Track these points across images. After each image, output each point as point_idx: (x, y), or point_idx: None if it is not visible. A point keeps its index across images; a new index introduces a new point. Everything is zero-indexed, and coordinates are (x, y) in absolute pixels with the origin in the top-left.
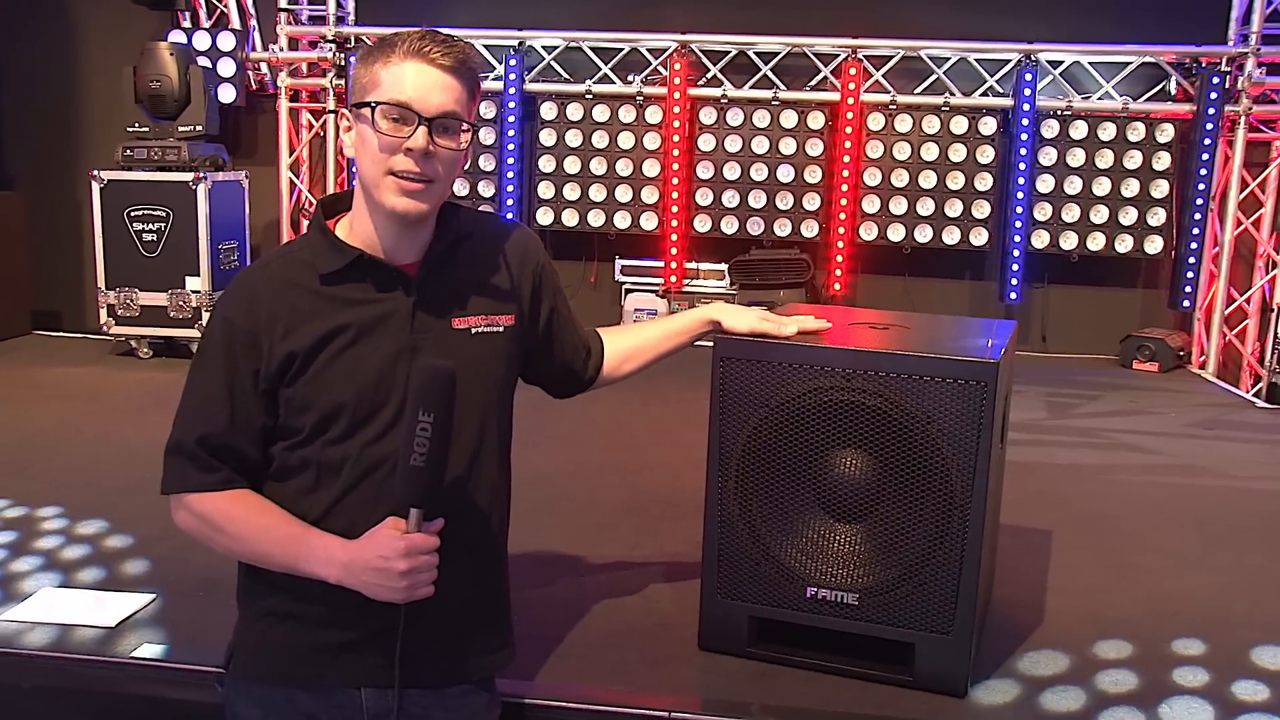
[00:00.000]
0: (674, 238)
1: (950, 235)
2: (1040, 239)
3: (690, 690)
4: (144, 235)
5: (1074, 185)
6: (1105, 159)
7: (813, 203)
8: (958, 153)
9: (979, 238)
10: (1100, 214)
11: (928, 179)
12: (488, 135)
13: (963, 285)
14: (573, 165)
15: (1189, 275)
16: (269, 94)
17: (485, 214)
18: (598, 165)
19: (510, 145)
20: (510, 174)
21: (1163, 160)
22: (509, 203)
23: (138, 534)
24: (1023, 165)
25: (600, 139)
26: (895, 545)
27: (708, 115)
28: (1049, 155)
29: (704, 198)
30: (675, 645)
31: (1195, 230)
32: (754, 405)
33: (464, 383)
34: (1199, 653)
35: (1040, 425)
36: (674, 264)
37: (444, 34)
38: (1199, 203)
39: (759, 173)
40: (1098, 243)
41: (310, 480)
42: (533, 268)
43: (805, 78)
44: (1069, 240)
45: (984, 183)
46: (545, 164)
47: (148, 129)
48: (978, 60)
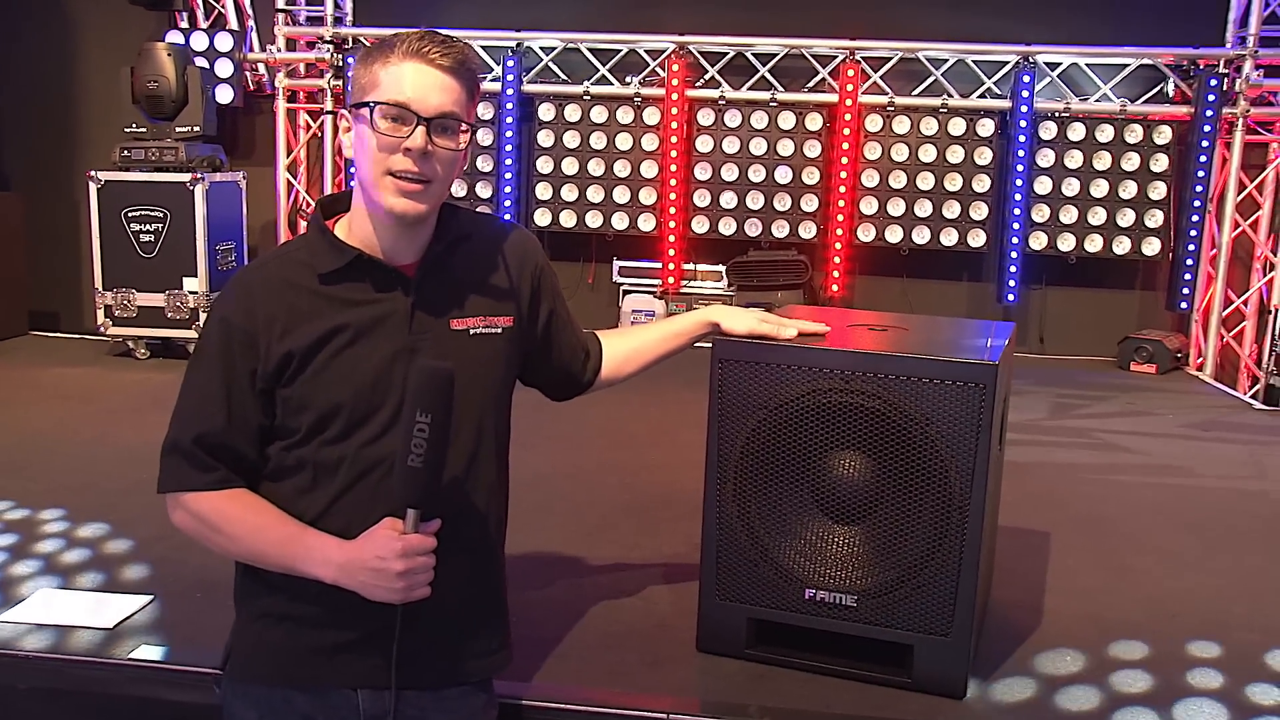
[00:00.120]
0: (672, 239)
1: (948, 237)
2: (1038, 241)
3: (688, 692)
4: (141, 236)
5: (1072, 187)
6: (1103, 161)
7: (810, 204)
8: (955, 154)
9: (977, 239)
10: (1098, 216)
11: (925, 180)
12: (485, 136)
13: (960, 287)
14: (570, 166)
15: (1186, 277)
16: (266, 95)
17: (484, 215)
18: (595, 166)
19: (508, 146)
20: (508, 175)
21: (1160, 162)
22: (506, 204)
23: (135, 535)
24: (1020, 167)
25: (598, 140)
26: (894, 547)
27: (705, 116)
28: (1047, 157)
29: (702, 199)
30: (673, 646)
31: (1193, 232)
32: (753, 407)
33: (462, 384)
34: (1199, 654)
35: (1038, 427)
36: (672, 265)
37: (443, 35)
38: (1196, 204)
39: (757, 174)
40: (1095, 244)
41: (307, 481)
42: (531, 269)
43: (803, 79)
44: (1067, 242)
45: (982, 184)
46: (543, 165)
47: (145, 129)
48: (976, 62)
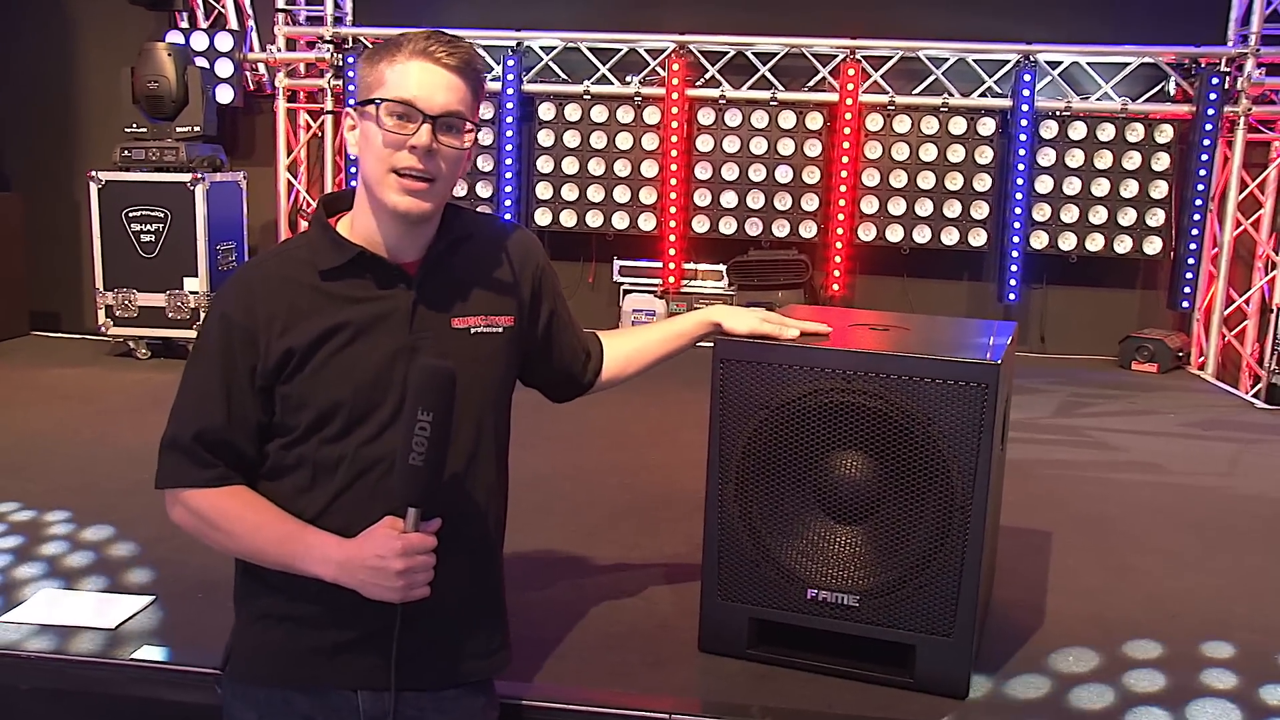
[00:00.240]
0: (672, 238)
1: (949, 236)
2: (1039, 240)
3: (690, 692)
4: (142, 236)
5: (1073, 186)
6: (1104, 160)
7: (811, 203)
8: (956, 153)
9: (977, 238)
10: (1099, 215)
11: (926, 180)
12: (485, 136)
13: (961, 286)
14: (571, 166)
15: (1188, 276)
16: (267, 95)
17: (487, 215)
18: (596, 166)
19: (508, 146)
20: (508, 174)
21: (1162, 161)
22: (507, 203)
23: (137, 535)
24: (1021, 166)
25: (598, 139)
26: (896, 547)
27: (706, 116)
28: (1048, 156)
29: (702, 198)
30: (675, 647)
31: (1194, 231)
32: (754, 407)
33: (462, 383)
34: (1201, 654)
35: (1039, 426)
36: (672, 265)
37: (449, 34)
38: (1198, 203)
39: (757, 173)
40: (1096, 243)
41: (305, 479)
42: (533, 270)
43: (803, 78)
44: (1068, 241)
45: (982, 183)
46: (543, 164)
47: (145, 130)
48: (976, 61)
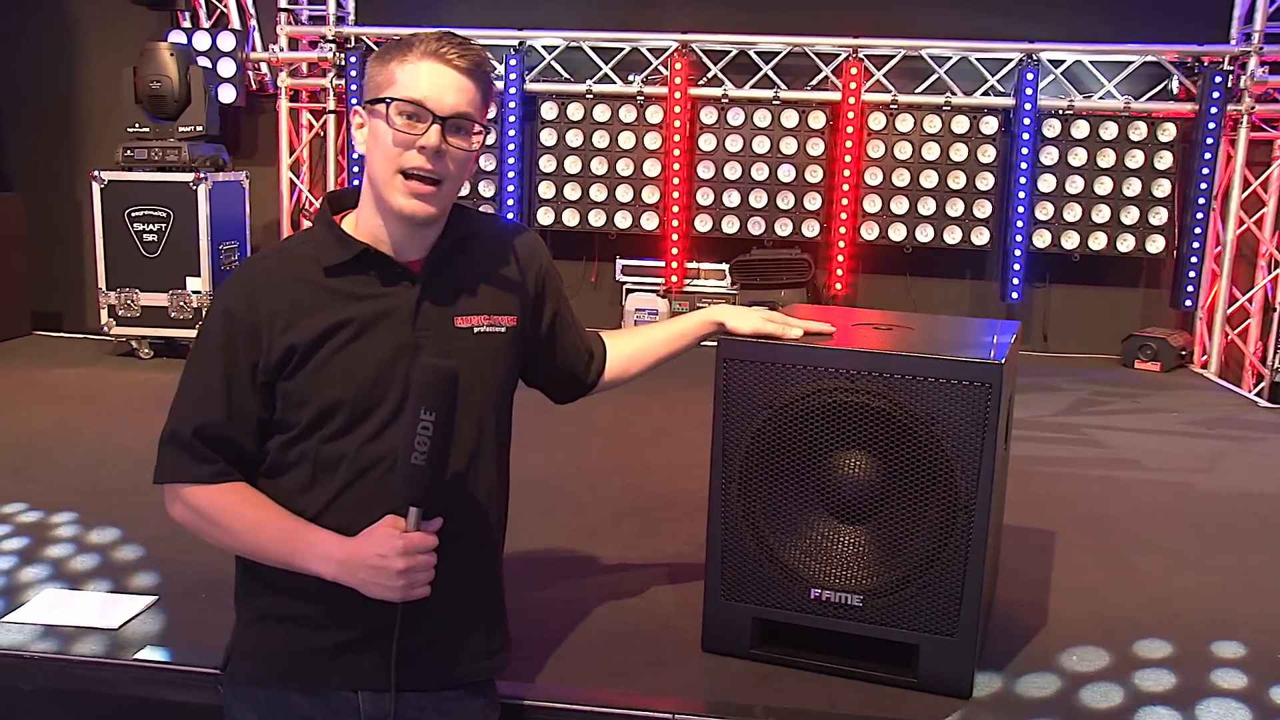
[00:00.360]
0: (675, 237)
1: (952, 235)
2: (1042, 238)
3: (693, 692)
4: (144, 236)
5: (1076, 184)
6: (1107, 158)
7: (814, 202)
8: (959, 152)
9: (980, 237)
10: (1102, 213)
11: (929, 178)
12: (488, 135)
13: (964, 285)
14: (573, 165)
15: (1191, 274)
16: (269, 94)
17: (491, 215)
18: (598, 165)
19: (511, 145)
20: (511, 174)
21: (1165, 159)
22: (509, 202)
23: (139, 536)
24: (1024, 164)
25: (601, 139)
26: (899, 546)
27: (708, 115)
28: (1051, 154)
29: (705, 197)
30: (678, 647)
31: (1197, 229)
32: (758, 406)
33: (464, 382)
34: (1204, 654)
35: (1042, 425)
36: (675, 264)
37: (460, 36)
38: (1201, 202)
39: (760, 172)
40: (1099, 242)
41: (306, 477)
42: (536, 270)
43: (806, 77)
44: (1071, 239)
45: (985, 182)
46: (546, 164)
47: (148, 129)
48: (979, 60)
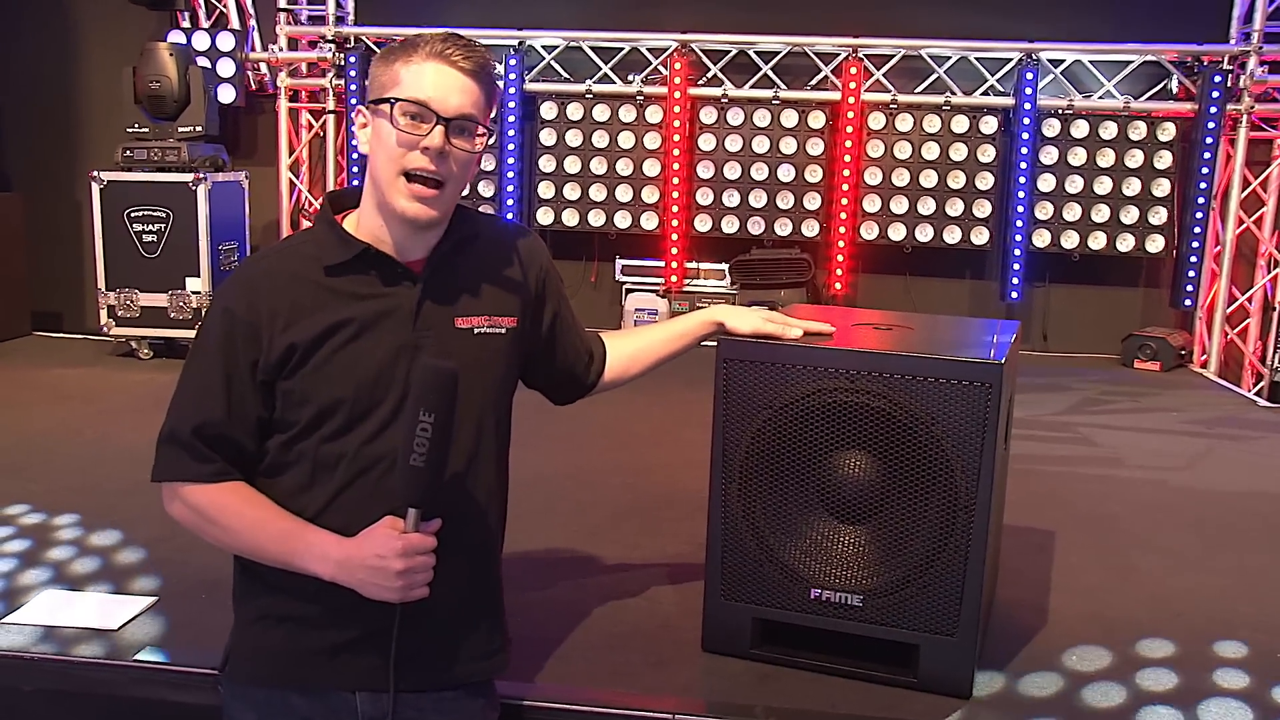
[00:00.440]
0: (674, 237)
1: (951, 234)
2: (1041, 238)
3: (693, 692)
4: (144, 236)
5: (1075, 184)
6: (1107, 158)
7: (813, 202)
8: (959, 152)
9: (980, 237)
10: (1101, 213)
11: (929, 178)
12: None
13: (964, 284)
14: (573, 165)
15: (1190, 274)
16: (268, 94)
17: (492, 216)
18: (598, 165)
19: (510, 145)
20: (510, 174)
21: (1164, 159)
22: (509, 202)
23: (139, 536)
24: (1024, 164)
25: (600, 138)
26: (899, 546)
27: (708, 115)
28: (1050, 154)
29: (704, 197)
30: (678, 647)
31: (1197, 229)
32: (758, 406)
33: (463, 383)
34: (1205, 653)
35: (1042, 425)
36: (674, 264)
37: (465, 38)
38: (1200, 201)
39: (759, 172)
40: (1099, 242)
41: (305, 477)
42: (537, 272)
43: (806, 77)
44: (1070, 239)
45: (985, 182)
46: (545, 164)
47: (147, 130)
48: (979, 59)
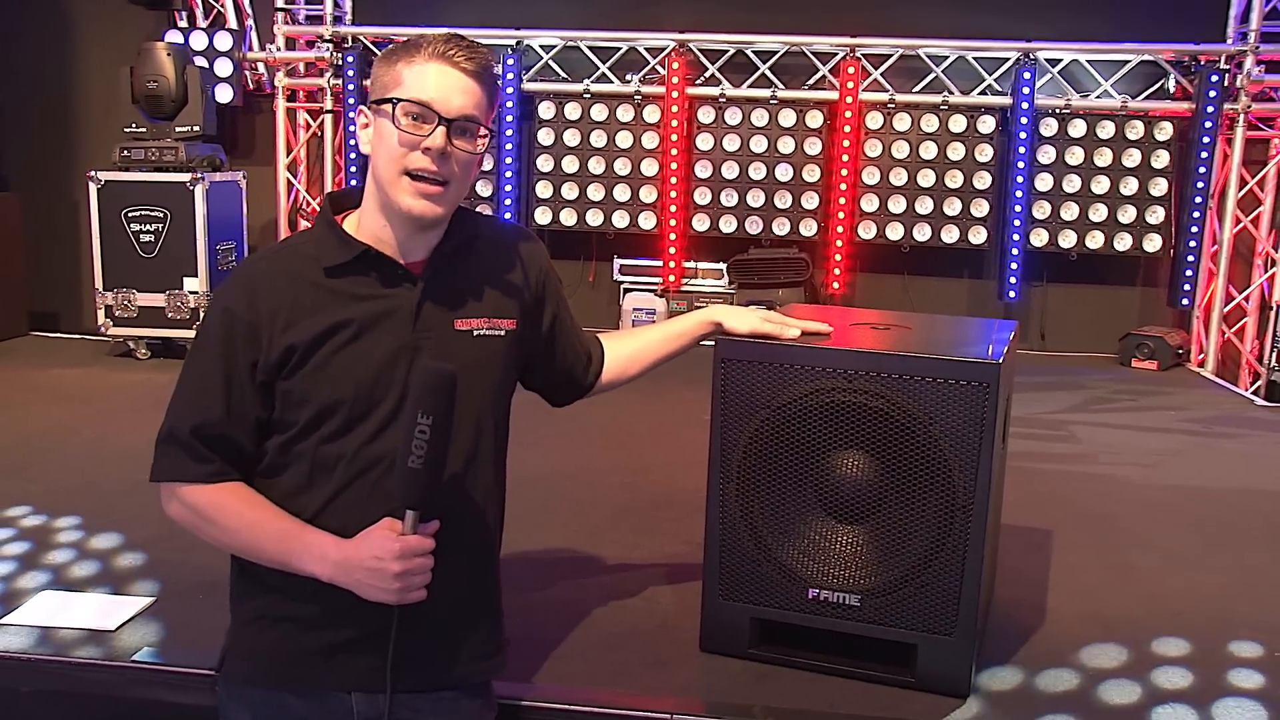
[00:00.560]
0: (672, 237)
1: (949, 234)
2: (1039, 237)
3: (692, 692)
4: (141, 236)
5: (1073, 183)
6: (1104, 157)
7: (811, 201)
8: (956, 151)
9: (978, 236)
10: (1099, 212)
11: (926, 177)
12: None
13: (961, 284)
14: (571, 164)
15: (1188, 273)
16: (266, 94)
17: (491, 218)
18: (596, 164)
19: (508, 145)
20: (508, 173)
21: (1161, 158)
22: (507, 202)
23: (137, 536)
24: (1021, 164)
25: (598, 138)
26: (897, 546)
27: (706, 114)
28: (1047, 153)
29: (702, 197)
30: (676, 647)
31: (1194, 228)
32: (756, 406)
33: (462, 385)
34: (1206, 653)
35: (1040, 424)
36: (672, 263)
37: (468, 39)
38: (1198, 201)
39: (757, 172)
40: (1096, 241)
41: (304, 478)
42: (537, 274)
43: (803, 76)
44: (1068, 238)
45: (982, 181)
46: (543, 163)
47: (145, 129)
48: (976, 59)
